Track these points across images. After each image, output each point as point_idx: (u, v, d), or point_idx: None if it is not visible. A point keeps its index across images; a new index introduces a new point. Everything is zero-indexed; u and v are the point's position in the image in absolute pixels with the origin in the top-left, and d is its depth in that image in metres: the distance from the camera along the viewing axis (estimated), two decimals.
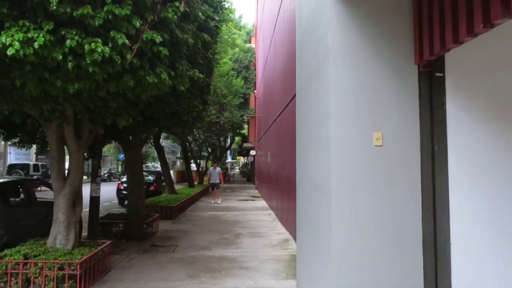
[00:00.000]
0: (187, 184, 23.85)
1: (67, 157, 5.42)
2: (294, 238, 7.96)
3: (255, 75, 27.62)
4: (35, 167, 23.78)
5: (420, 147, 3.29)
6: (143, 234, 8.04)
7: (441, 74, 3.24)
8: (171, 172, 41.83)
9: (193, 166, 27.18)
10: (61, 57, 3.64)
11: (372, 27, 3.34)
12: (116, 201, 15.99)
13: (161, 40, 4.06)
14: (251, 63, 28.02)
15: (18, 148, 8.05)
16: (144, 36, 3.98)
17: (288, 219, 9.09)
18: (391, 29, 3.34)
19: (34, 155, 31.13)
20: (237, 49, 26.25)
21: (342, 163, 3.31)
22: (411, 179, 3.26)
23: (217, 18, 7.85)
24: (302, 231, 5.24)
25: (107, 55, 3.71)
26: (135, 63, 4.15)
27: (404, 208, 3.25)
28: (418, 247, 3.22)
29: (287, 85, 9.76)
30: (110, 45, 3.80)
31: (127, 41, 3.80)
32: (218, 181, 15.95)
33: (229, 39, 15.66)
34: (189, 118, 7.46)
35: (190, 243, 7.88)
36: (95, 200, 6.97)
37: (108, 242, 5.87)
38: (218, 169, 16.19)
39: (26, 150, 9.29)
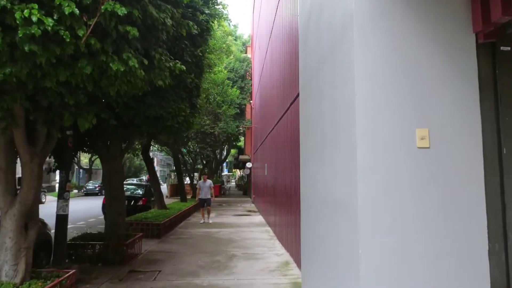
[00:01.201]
0: (189, 197, 22.77)
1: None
2: (296, 261, 6.92)
3: (251, 85, 26.82)
4: None
5: (482, 148, 2.33)
6: (122, 257, 6.97)
7: (509, 48, 2.32)
8: (165, 185, 40.68)
9: (188, 180, 26.15)
10: None
11: None
12: (102, 216, 14.85)
13: (125, 12, 3.11)
14: (247, 73, 27.23)
15: None
16: (103, 7, 3.03)
17: (288, 237, 8.06)
18: None
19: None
20: (232, 57, 25.47)
21: (373, 173, 2.34)
22: (471, 194, 2.30)
23: (207, 12, 6.96)
24: (309, 256, 4.25)
25: (49, 28, 2.76)
26: (94, 44, 3.19)
27: (463, 240, 2.28)
28: None
29: (286, 90, 8.86)
30: (55, 17, 2.85)
31: (77, 10, 2.85)
32: (210, 196, 13.56)
33: (224, 45, 14.79)
34: (175, 124, 6.50)
35: (176, 267, 6.82)
36: (62, 219, 5.93)
37: (72, 271, 4.82)
38: (209, 182, 13.77)
39: None
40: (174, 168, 23.65)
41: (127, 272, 6.50)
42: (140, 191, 15.80)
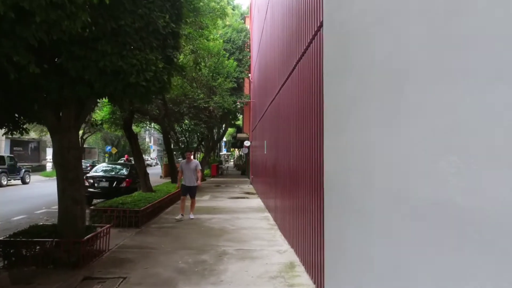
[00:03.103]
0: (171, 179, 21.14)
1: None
2: (304, 262, 5.31)
3: (249, 58, 24.82)
4: (0, 160, 20.89)
5: None
6: (78, 257, 5.35)
7: None
8: (159, 165, 39.25)
9: (182, 159, 24.46)
10: None
11: None
12: None
13: None
14: (246, 44, 25.16)
15: None
16: None
17: (293, 228, 6.45)
18: None
19: (5, 145, 28.28)
20: (227, 21, 23.32)
21: None
22: None
23: None
24: (345, 278, 2.62)
25: None
26: None
27: None
28: None
29: (292, 43, 7.05)
30: None
31: None
32: (195, 183, 9.84)
33: (218, 6, 12.80)
34: (141, 81, 4.75)
35: (147, 272, 5.21)
36: None
37: None
38: (195, 162, 10.01)
39: None
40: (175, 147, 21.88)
41: (81, 280, 4.88)
42: (125, 171, 14.15)
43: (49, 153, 40.61)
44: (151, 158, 61.39)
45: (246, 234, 7.77)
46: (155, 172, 32.84)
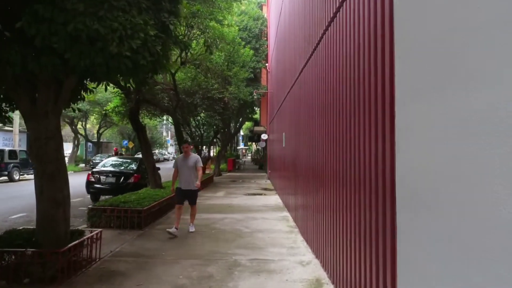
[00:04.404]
0: None
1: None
2: (334, 279, 4.19)
3: (266, 47, 23.61)
4: (12, 154, 20.43)
5: None
6: (55, 271, 4.39)
7: None
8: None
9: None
10: None
11: None
12: (88, 196, 12.45)
13: None
14: (262, 32, 23.95)
15: None
16: None
17: (317, 234, 5.34)
18: None
19: (21, 140, 28.04)
20: (244, 12, 22.11)
21: None
22: None
23: None
24: None
25: None
26: None
27: None
28: None
29: (314, 17, 5.89)
30: None
31: None
32: (193, 187, 7.24)
33: None
34: (124, 51, 3.69)
35: None
36: None
37: None
38: (194, 157, 7.43)
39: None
40: (191, 140, 20.87)
41: None
42: (134, 166, 13.25)
43: (65, 147, 40.60)
44: (168, 153, 61.05)
45: (262, 238, 6.69)
46: (171, 166, 32.14)
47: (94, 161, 33.03)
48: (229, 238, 6.70)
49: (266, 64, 22.80)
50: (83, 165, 34.72)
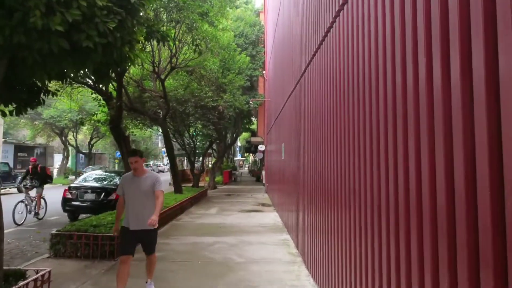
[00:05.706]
0: (190, 184, 18.97)
1: None
2: None
3: (263, 54, 22.64)
4: None
5: None
6: None
7: None
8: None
9: (187, 165, 22.17)
10: None
11: None
12: (63, 215, 11.19)
13: None
14: (260, 38, 23.00)
15: None
16: None
17: (327, 267, 4.14)
18: None
19: (6, 151, 26.72)
20: (240, 18, 21.16)
21: None
22: None
23: None
24: None
25: None
26: None
27: None
28: None
29: (316, 20, 4.79)
30: None
31: None
32: (148, 223, 4.01)
33: None
34: (54, 26, 2.53)
35: None
36: None
37: None
38: (152, 176, 4.42)
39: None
40: (191, 152, 19.56)
41: None
42: (117, 180, 12.01)
43: (56, 159, 39.17)
44: (164, 164, 59.70)
45: (257, 273, 5.47)
46: (165, 179, 30.86)
47: (85, 173, 31.71)
48: (217, 272, 5.48)
49: (264, 72, 21.81)
50: (73, 177, 33.37)
